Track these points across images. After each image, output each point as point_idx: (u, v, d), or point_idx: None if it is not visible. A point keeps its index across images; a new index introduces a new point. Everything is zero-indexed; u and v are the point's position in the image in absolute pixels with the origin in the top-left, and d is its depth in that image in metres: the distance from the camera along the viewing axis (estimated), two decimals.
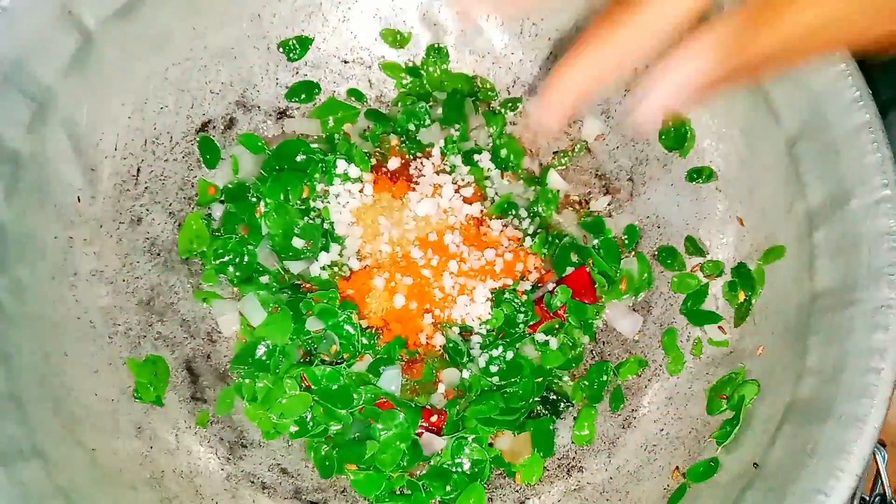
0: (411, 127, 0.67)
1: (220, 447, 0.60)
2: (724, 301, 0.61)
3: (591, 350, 0.64)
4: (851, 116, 0.51)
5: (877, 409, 0.45)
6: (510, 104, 0.68)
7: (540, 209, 0.66)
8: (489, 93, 0.68)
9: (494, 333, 0.62)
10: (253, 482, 0.59)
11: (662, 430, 0.59)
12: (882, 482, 0.48)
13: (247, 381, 0.59)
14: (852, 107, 0.51)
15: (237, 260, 0.62)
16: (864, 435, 0.44)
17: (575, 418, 0.62)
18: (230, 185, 0.64)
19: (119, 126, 0.60)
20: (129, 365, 0.58)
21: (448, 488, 0.58)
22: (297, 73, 0.67)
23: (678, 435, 0.58)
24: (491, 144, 0.68)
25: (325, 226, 0.64)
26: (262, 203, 0.63)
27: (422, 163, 0.67)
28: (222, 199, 0.64)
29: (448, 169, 0.67)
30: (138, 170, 0.62)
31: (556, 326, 0.62)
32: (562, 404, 0.62)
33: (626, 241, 0.65)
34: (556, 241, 0.64)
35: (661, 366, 0.62)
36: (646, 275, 0.64)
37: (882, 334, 0.47)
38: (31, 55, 0.53)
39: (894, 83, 0.61)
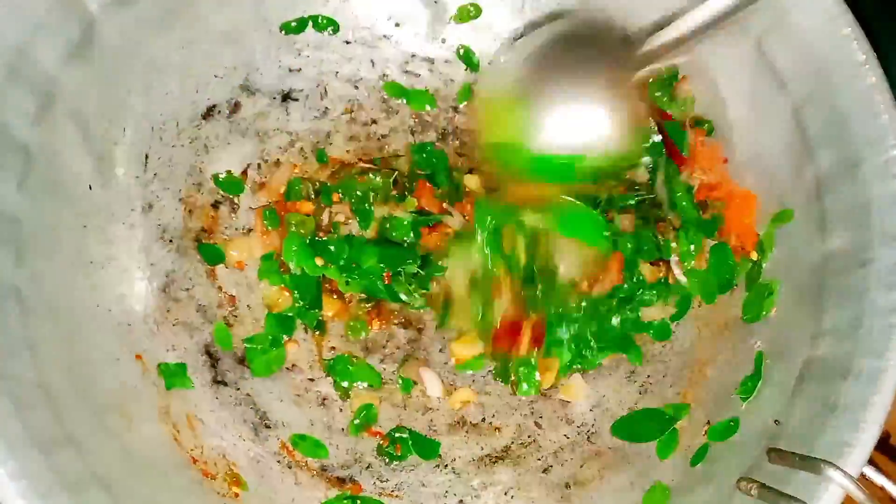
0: None
1: (245, 428, 0.60)
2: None
3: None
4: (858, 80, 0.52)
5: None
6: None
7: None
8: None
9: None
10: (280, 461, 0.60)
11: (679, 393, 0.61)
12: None
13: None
14: (859, 70, 0.52)
15: None
16: (885, 386, 0.46)
17: None
18: None
19: (125, 113, 0.59)
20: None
21: None
22: (300, 54, 0.67)
23: (695, 398, 0.60)
24: None
25: None
26: None
27: None
28: None
29: None
30: (146, 156, 0.61)
31: None
32: None
33: None
34: None
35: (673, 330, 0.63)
36: None
37: None
38: (35, 43, 0.52)
39: None
